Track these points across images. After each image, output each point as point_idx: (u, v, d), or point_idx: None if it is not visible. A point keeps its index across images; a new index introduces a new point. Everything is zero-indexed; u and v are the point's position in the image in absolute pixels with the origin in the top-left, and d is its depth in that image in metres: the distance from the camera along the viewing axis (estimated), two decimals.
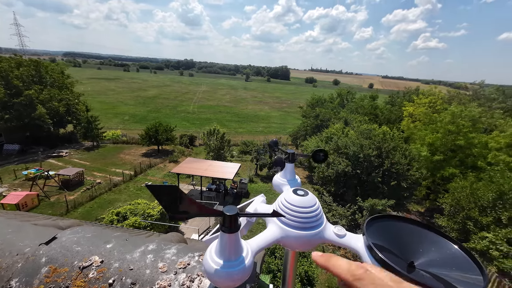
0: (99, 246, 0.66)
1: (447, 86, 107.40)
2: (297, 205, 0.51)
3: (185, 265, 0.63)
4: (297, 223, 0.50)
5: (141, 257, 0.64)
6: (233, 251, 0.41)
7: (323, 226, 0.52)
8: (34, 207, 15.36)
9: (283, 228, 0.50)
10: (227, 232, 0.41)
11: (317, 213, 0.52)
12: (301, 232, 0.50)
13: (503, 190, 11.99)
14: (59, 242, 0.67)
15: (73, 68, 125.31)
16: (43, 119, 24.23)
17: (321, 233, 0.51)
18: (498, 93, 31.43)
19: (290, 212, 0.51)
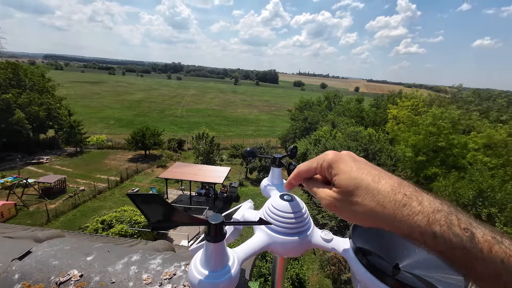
0: (79, 259, 0.62)
1: (428, 89, 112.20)
2: (284, 211, 0.51)
3: (171, 275, 0.61)
4: (284, 229, 0.49)
5: (124, 268, 0.61)
6: (218, 261, 0.40)
7: (310, 230, 0.52)
8: (11, 218, 14.50)
9: (270, 235, 0.50)
10: (212, 242, 0.39)
11: (304, 218, 0.52)
12: (288, 238, 0.49)
13: (482, 188, 12.60)
14: (34, 256, 0.63)
15: (55, 71, 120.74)
16: (22, 124, 23.09)
17: (309, 238, 0.51)
18: (474, 96, 33.27)
19: (277, 218, 0.50)
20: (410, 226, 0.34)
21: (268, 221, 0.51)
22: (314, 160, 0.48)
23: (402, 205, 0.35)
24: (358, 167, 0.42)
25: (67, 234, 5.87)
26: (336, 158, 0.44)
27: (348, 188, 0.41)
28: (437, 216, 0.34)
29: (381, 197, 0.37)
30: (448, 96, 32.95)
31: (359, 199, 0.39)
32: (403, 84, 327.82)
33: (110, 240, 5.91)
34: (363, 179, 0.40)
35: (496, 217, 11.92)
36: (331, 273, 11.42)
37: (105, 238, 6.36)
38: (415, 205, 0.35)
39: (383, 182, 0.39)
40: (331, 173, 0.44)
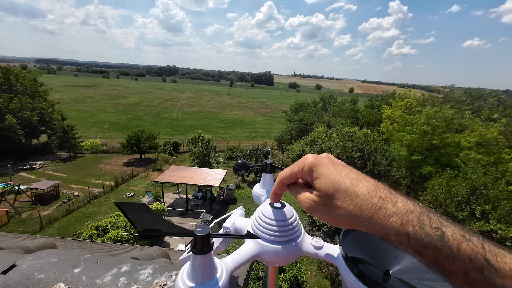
0: (66, 272, 0.60)
1: (421, 89, 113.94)
2: (273, 218, 0.50)
3: (161, 286, 0.59)
4: (274, 237, 0.49)
5: (113, 280, 0.59)
6: (205, 274, 0.40)
7: (300, 238, 0.51)
8: (2, 225, 14.17)
9: (260, 243, 0.49)
10: (198, 254, 0.38)
11: (294, 225, 0.51)
12: (278, 247, 0.48)
13: (476, 186, 12.79)
14: (19, 270, 0.61)
15: (47, 75, 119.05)
16: (13, 130, 22.66)
17: (299, 246, 0.50)
18: (466, 95, 33.85)
19: (266, 226, 0.50)
20: (386, 227, 0.36)
21: (255, 233, 0.51)
22: (295, 165, 0.49)
23: (378, 207, 0.38)
24: (337, 170, 0.44)
25: (60, 241, 5.72)
26: (316, 162, 0.46)
27: (328, 191, 0.42)
28: (410, 216, 0.36)
29: (359, 200, 0.39)
30: (440, 96, 33.50)
31: (338, 202, 0.41)
32: (397, 84, 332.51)
33: (105, 246, 5.80)
34: (342, 182, 0.41)
35: (490, 214, 12.11)
36: (329, 274, 11.43)
37: (100, 244, 6.23)
38: (389, 207, 0.37)
39: (360, 185, 0.40)
40: (312, 176, 0.45)
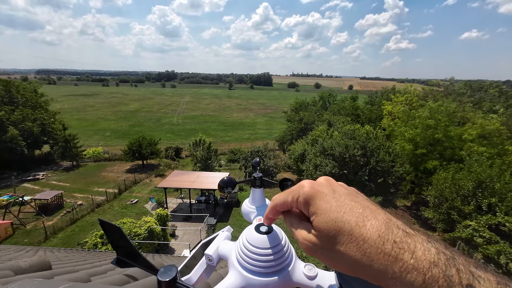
0: None
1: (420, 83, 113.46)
2: (259, 246, 0.44)
3: None
4: (259, 268, 0.42)
5: None
6: None
7: (291, 267, 0.45)
8: (8, 237, 14.20)
9: (245, 276, 0.43)
10: None
11: (283, 252, 0.45)
12: (264, 279, 0.42)
13: (481, 179, 12.62)
14: None
15: (48, 85, 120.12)
16: (16, 141, 22.79)
17: (289, 276, 0.44)
18: (466, 87, 33.59)
19: (252, 255, 0.43)
20: (403, 284, 0.29)
21: (240, 263, 0.44)
22: (289, 193, 0.41)
23: (392, 258, 0.29)
24: (338, 203, 0.36)
25: (63, 252, 5.66)
26: (313, 193, 0.38)
27: (329, 233, 0.34)
28: (434, 271, 0.28)
29: (367, 247, 0.31)
30: (441, 89, 33.24)
31: (341, 247, 0.33)
32: (396, 79, 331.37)
33: (108, 255, 5.74)
34: (345, 221, 0.33)
35: (496, 207, 11.93)
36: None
37: (103, 253, 6.17)
38: (407, 258, 0.29)
39: (368, 226, 0.32)
40: (309, 210, 0.38)
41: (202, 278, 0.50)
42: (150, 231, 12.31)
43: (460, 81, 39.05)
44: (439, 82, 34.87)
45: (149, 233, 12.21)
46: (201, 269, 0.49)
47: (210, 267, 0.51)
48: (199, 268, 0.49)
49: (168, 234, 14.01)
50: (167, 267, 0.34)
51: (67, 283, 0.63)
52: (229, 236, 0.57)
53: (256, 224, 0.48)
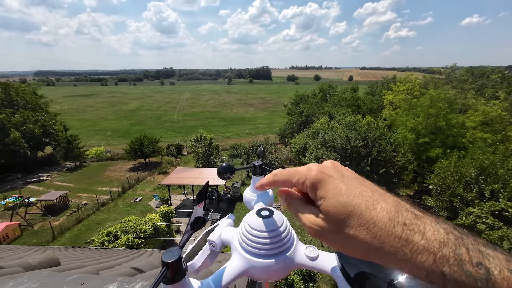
0: None
1: (421, 72, 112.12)
2: (260, 230, 0.44)
3: None
4: (261, 250, 0.43)
5: None
6: None
7: (292, 249, 0.46)
8: (16, 238, 14.45)
9: (248, 259, 0.43)
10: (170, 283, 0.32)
11: (285, 234, 0.45)
12: (267, 261, 0.43)
13: (484, 166, 12.60)
14: None
15: (47, 87, 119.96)
16: (18, 144, 22.93)
17: (291, 257, 0.45)
18: (467, 74, 33.16)
19: (254, 238, 0.44)
20: (415, 265, 0.29)
21: (242, 247, 0.44)
22: (295, 174, 0.40)
23: (403, 240, 0.30)
24: (348, 187, 0.36)
25: (72, 250, 5.76)
26: (321, 177, 0.37)
27: (338, 216, 0.34)
28: (444, 251, 0.28)
29: (377, 230, 0.31)
30: (442, 77, 32.86)
31: (351, 231, 0.33)
32: (396, 69, 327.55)
33: (114, 252, 5.82)
34: (356, 205, 0.33)
35: (499, 193, 11.94)
36: None
37: (109, 251, 6.26)
38: (417, 239, 0.29)
39: (378, 209, 0.32)
40: (316, 194, 0.37)
41: (206, 263, 0.51)
42: (156, 227, 12.47)
43: (462, 68, 38.54)
44: (440, 70, 34.44)
45: (155, 229, 12.37)
46: (205, 255, 0.50)
47: (213, 252, 0.52)
48: (202, 254, 0.50)
49: (173, 230, 14.19)
50: (171, 249, 0.34)
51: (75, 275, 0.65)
52: (231, 223, 0.58)
53: (257, 209, 0.49)
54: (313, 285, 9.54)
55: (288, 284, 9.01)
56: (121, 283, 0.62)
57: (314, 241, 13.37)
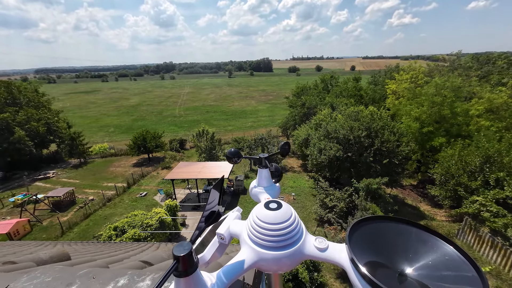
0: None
1: (425, 60, 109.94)
2: (270, 222, 0.44)
3: None
4: (271, 242, 0.43)
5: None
6: None
7: (302, 240, 0.45)
8: (26, 234, 14.81)
9: (257, 251, 0.43)
10: (182, 277, 0.33)
11: (293, 227, 0.45)
12: (277, 253, 0.43)
13: (489, 154, 12.48)
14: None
15: (48, 84, 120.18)
16: (23, 142, 23.19)
17: (301, 249, 0.45)
18: (473, 61, 32.41)
19: (263, 230, 0.44)
20: None
21: (251, 239, 0.45)
22: None
23: None
24: None
25: (80, 245, 5.89)
26: None
27: None
28: None
29: None
30: (446, 64, 32.16)
31: None
32: (400, 57, 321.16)
33: (122, 246, 5.94)
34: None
35: (504, 181, 11.86)
36: None
37: (117, 245, 6.37)
38: None
39: None
40: None
41: (215, 256, 0.51)
42: (161, 221, 12.68)
43: (467, 54, 37.65)
44: (445, 57, 33.67)
45: (160, 223, 12.58)
46: (214, 248, 0.51)
47: (222, 245, 0.52)
48: (212, 247, 0.50)
49: (179, 223, 14.42)
50: (182, 243, 0.35)
51: (86, 269, 0.66)
52: (239, 215, 0.58)
53: (265, 202, 0.48)
54: (317, 274, 9.70)
55: (293, 274, 9.17)
56: (131, 276, 0.63)
57: (318, 233, 13.45)
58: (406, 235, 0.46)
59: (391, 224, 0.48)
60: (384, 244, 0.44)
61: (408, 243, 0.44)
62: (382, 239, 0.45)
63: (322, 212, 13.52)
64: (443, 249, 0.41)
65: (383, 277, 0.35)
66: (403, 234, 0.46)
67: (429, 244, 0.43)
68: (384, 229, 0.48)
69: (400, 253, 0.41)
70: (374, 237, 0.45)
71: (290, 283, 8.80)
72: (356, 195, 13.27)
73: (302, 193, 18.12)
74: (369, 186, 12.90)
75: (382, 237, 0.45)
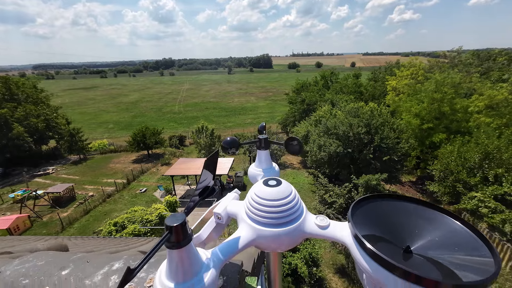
0: (52, 275, 0.56)
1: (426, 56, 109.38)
2: (268, 198, 0.42)
3: (150, 283, 0.54)
4: (270, 219, 0.41)
5: (103, 280, 0.55)
6: (187, 270, 0.33)
7: (302, 218, 0.44)
8: (27, 229, 14.85)
9: (256, 228, 0.41)
10: (174, 248, 0.32)
11: (293, 204, 0.43)
12: (277, 230, 0.41)
13: (488, 150, 12.48)
14: (2, 277, 0.57)
15: (46, 81, 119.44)
16: (22, 138, 23.11)
17: (301, 227, 0.43)
18: (473, 57, 32.22)
19: (262, 207, 0.42)
20: None
21: (250, 217, 0.43)
22: None
23: None
24: None
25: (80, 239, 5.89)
26: None
27: None
28: None
29: None
30: (447, 60, 31.97)
31: None
32: (400, 53, 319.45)
33: (122, 241, 5.96)
34: None
35: (503, 177, 11.90)
36: (343, 249, 11.65)
37: (117, 239, 6.40)
38: None
39: None
40: None
41: (212, 236, 0.50)
42: (161, 217, 12.71)
43: (468, 51, 37.44)
44: (446, 53, 33.45)
45: (160, 219, 12.61)
46: (210, 228, 0.49)
47: (219, 225, 0.50)
48: (208, 227, 0.49)
49: None
50: (175, 214, 0.35)
51: (80, 254, 0.65)
52: (237, 196, 0.56)
53: (264, 179, 0.47)
54: (316, 269, 9.76)
55: (292, 269, 9.22)
56: (127, 260, 0.61)
57: None
58: (410, 212, 0.44)
59: (395, 202, 0.46)
60: (387, 221, 0.43)
61: (413, 220, 0.42)
62: (385, 217, 0.44)
63: (322, 208, 13.57)
64: (450, 226, 0.40)
65: (387, 252, 0.34)
66: (408, 211, 0.44)
67: (436, 221, 0.41)
68: (387, 207, 0.47)
69: (404, 230, 0.40)
70: (377, 215, 0.44)
71: (289, 278, 8.87)
72: (355, 191, 13.30)
73: (302, 189, 18.16)
74: (368, 182, 12.92)
75: (385, 215, 0.45)
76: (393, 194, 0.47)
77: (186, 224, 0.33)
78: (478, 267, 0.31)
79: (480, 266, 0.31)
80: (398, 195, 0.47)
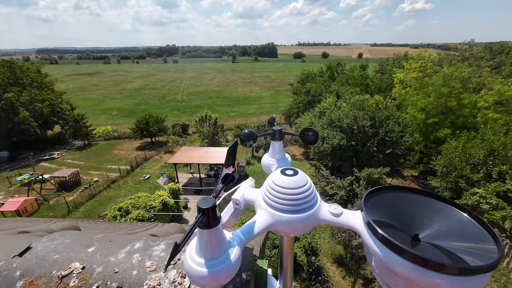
0: (80, 252, 0.61)
1: (436, 48, 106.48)
2: (286, 187, 0.46)
3: (175, 260, 0.59)
4: (288, 206, 0.45)
5: (127, 258, 0.59)
6: (215, 248, 0.37)
7: (317, 206, 0.47)
8: (34, 212, 15.30)
9: (273, 214, 0.45)
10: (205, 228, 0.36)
11: (309, 193, 0.46)
12: (293, 216, 0.44)
13: (494, 147, 12.36)
14: (34, 252, 0.61)
15: (50, 65, 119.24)
16: (28, 122, 23.37)
17: (316, 214, 0.46)
18: (485, 51, 31.26)
19: (279, 195, 0.45)
20: None
21: (267, 204, 0.46)
22: None
23: None
24: None
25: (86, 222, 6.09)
26: None
27: None
28: None
29: None
30: (457, 53, 31.09)
31: None
32: (409, 45, 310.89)
33: (127, 225, 6.15)
34: None
35: (507, 174, 11.83)
36: (342, 240, 11.87)
37: (122, 224, 6.60)
38: None
39: None
40: None
41: (230, 220, 0.53)
42: (164, 204, 12.99)
43: (481, 44, 36.27)
44: (457, 46, 32.47)
45: (163, 205, 12.89)
46: (229, 213, 0.52)
47: (237, 211, 0.54)
48: (227, 211, 0.52)
49: (181, 206, 14.77)
50: (206, 197, 0.37)
51: (102, 234, 0.69)
52: (252, 184, 0.59)
53: (281, 169, 0.49)
54: (315, 258, 10.00)
55: None
56: (146, 241, 0.66)
57: None
58: (419, 203, 0.47)
59: (404, 194, 0.49)
60: (397, 212, 0.45)
61: (421, 211, 0.45)
62: (395, 207, 0.46)
63: (322, 200, 13.71)
64: (457, 217, 0.43)
65: (396, 238, 0.36)
66: (417, 203, 0.47)
67: (443, 212, 0.44)
68: (397, 198, 0.49)
69: (413, 220, 0.43)
70: (387, 205, 0.46)
71: None
72: (356, 184, 13.37)
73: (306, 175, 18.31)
74: (370, 175, 12.96)
75: (395, 206, 0.47)
76: (403, 187, 0.50)
77: (216, 207, 0.37)
78: (482, 254, 0.34)
79: (484, 253, 0.34)
80: (408, 187, 0.50)
